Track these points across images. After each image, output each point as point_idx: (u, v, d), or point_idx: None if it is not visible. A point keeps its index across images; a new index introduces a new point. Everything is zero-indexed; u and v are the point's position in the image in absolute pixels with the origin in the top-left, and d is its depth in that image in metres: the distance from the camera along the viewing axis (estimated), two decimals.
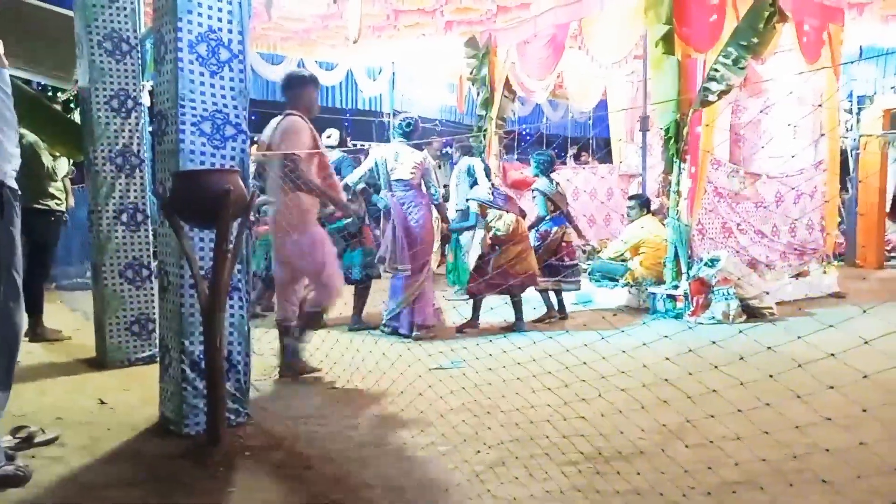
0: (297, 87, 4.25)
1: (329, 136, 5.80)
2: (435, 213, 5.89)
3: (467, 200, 5.86)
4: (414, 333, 5.15)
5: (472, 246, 6.80)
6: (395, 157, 5.24)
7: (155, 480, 2.58)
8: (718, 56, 5.80)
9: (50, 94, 7.31)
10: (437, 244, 7.32)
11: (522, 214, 5.74)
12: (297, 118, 4.10)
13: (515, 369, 2.97)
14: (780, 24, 5.96)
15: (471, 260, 6.28)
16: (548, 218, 6.07)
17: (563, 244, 6.05)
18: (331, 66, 11.13)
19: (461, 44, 8.60)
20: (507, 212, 5.52)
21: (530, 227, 5.96)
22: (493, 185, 6.04)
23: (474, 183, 5.76)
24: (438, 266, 7.76)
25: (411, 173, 5.21)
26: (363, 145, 10.14)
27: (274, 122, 4.22)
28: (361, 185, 5.41)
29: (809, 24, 6.79)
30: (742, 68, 5.78)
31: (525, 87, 8.02)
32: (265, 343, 4.29)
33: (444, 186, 7.44)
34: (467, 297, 5.69)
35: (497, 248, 5.48)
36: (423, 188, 5.31)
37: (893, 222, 9.65)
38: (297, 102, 4.19)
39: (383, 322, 5.37)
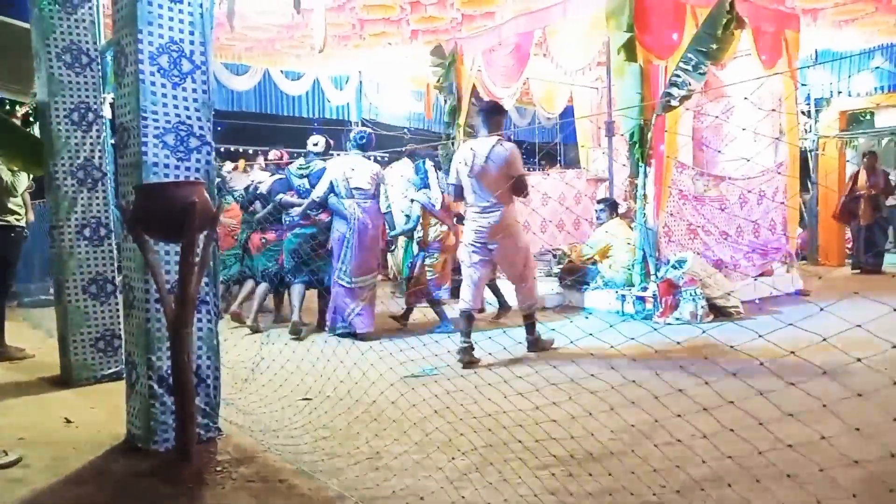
0: (499, 114, 4.91)
1: (316, 144, 5.91)
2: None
3: (411, 201, 6.02)
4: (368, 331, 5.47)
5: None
6: (351, 168, 5.55)
7: (123, 499, 2.54)
8: (679, 62, 5.93)
9: (7, 107, 7.16)
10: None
11: (455, 231, 6.03)
12: (509, 142, 4.78)
13: (486, 374, 2.99)
14: (737, 31, 6.10)
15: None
16: None
17: None
18: (297, 76, 11.08)
19: (427, 52, 8.63)
20: (442, 222, 5.78)
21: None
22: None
23: (423, 185, 5.91)
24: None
25: (368, 183, 5.54)
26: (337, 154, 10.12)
27: (483, 144, 4.69)
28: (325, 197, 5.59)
29: (766, 30, 6.97)
30: (702, 74, 5.91)
31: (492, 94, 8.07)
32: (234, 355, 4.24)
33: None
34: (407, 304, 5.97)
35: (422, 253, 5.77)
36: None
37: (843, 223, 9.88)
38: (497, 127, 4.80)
39: (335, 327, 5.56)
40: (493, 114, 4.84)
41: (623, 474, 2.47)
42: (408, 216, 6.11)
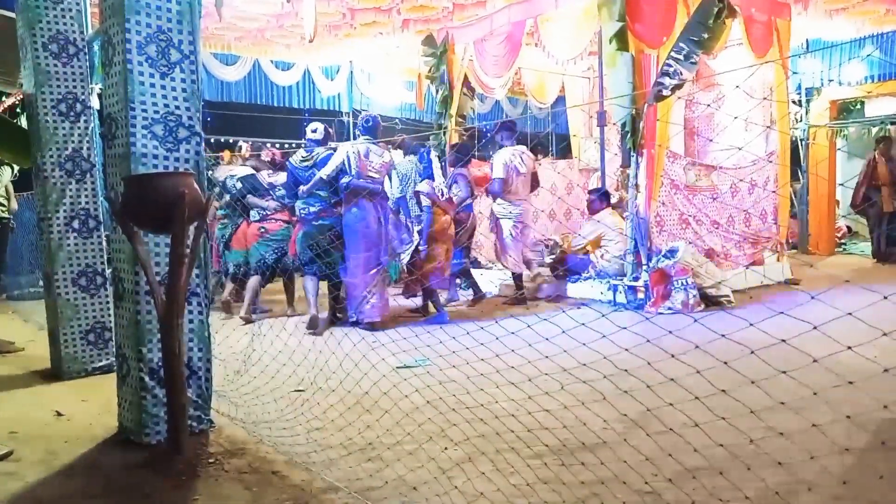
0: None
1: (314, 131, 5.76)
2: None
3: (417, 193, 6.00)
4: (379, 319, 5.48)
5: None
6: (365, 154, 5.47)
7: (115, 492, 2.53)
8: (670, 51, 5.92)
9: None
10: None
11: (455, 220, 6.15)
12: None
13: (479, 365, 2.99)
14: (729, 20, 6.11)
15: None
16: (465, 203, 6.57)
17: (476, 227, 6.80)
18: (287, 66, 11.00)
19: (419, 42, 8.58)
20: (445, 213, 5.81)
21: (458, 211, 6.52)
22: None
23: (426, 175, 5.91)
24: None
25: (378, 171, 5.50)
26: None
27: (521, 150, 6.72)
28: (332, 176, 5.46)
29: (757, 19, 6.97)
30: (694, 63, 5.91)
31: (484, 84, 8.05)
32: (225, 347, 4.23)
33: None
34: (404, 294, 6.06)
35: (422, 245, 5.77)
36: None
37: (854, 211, 9.87)
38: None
39: (351, 318, 5.56)
40: (515, 129, 6.81)
41: (615, 463, 2.48)
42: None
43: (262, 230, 6.23)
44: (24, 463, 2.82)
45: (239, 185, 6.28)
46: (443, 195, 5.92)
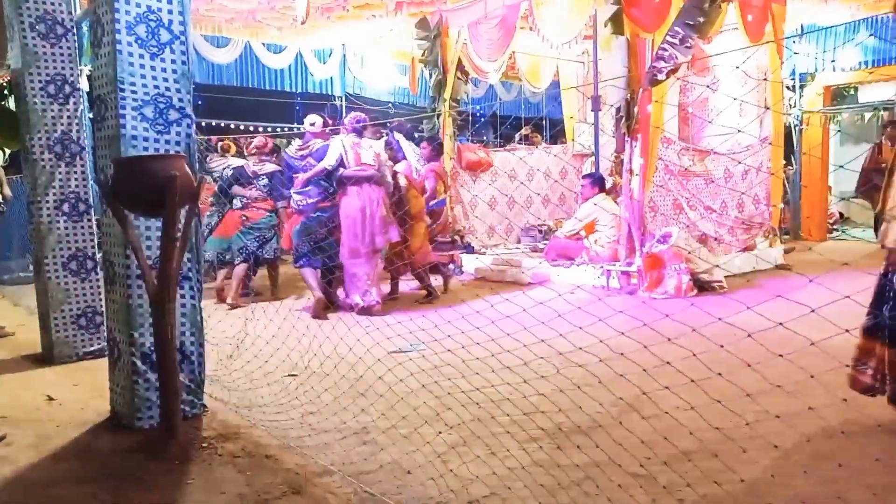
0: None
1: (313, 124, 5.91)
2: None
3: (395, 174, 6.06)
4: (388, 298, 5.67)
5: None
6: (358, 144, 5.62)
7: (107, 476, 2.51)
8: (666, 35, 5.87)
9: None
10: None
11: (429, 214, 6.33)
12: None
13: (474, 349, 2.98)
14: (724, 4, 6.06)
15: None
16: (438, 198, 6.68)
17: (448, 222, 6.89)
18: (279, 49, 10.88)
19: (412, 25, 8.50)
20: (422, 193, 6.12)
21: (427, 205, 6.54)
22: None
23: (398, 158, 6.04)
24: None
25: (373, 160, 5.62)
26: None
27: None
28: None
29: (753, 3, 6.92)
30: (689, 47, 5.87)
31: (478, 68, 7.99)
32: (218, 332, 4.21)
33: None
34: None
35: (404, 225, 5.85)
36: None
37: (860, 196, 9.86)
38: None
39: (357, 306, 5.53)
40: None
41: (610, 446, 2.48)
42: None
43: (244, 218, 6.29)
44: (16, 447, 2.80)
45: (230, 172, 6.40)
46: (418, 175, 6.10)
